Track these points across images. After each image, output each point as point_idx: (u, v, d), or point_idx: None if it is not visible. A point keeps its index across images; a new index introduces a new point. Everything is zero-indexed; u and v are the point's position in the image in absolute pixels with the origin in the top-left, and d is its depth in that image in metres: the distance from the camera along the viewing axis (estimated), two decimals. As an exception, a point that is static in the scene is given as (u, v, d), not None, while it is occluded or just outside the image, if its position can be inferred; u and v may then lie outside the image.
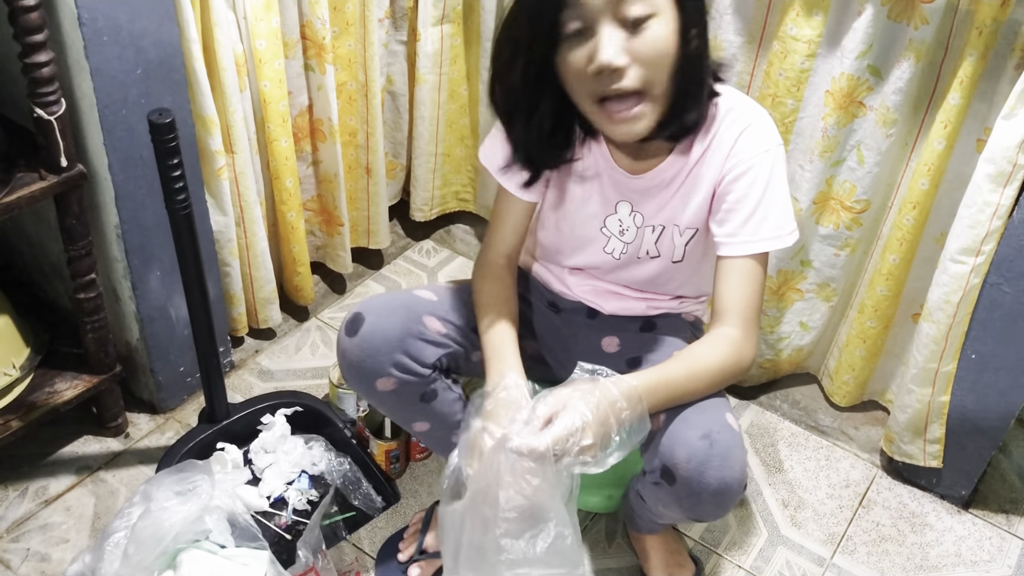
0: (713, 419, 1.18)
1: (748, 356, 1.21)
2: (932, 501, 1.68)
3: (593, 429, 1.06)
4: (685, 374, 1.18)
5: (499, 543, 1.09)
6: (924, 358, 1.52)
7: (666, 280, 1.35)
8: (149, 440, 1.67)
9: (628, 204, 1.28)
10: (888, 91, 1.45)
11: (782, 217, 1.21)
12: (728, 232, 1.21)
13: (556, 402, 1.08)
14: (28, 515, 1.54)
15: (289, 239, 1.81)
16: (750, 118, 1.21)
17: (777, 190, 1.20)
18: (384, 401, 1.30)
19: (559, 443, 1.05)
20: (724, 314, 1.21)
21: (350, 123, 1.86)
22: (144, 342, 1.61)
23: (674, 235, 1.28)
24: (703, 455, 1.15)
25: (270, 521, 1.54)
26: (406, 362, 1.25)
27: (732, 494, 1.19)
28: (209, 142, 1.55)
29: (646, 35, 1.08)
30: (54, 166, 1.35)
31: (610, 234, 1.31)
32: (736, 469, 1.17)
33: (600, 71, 1.08)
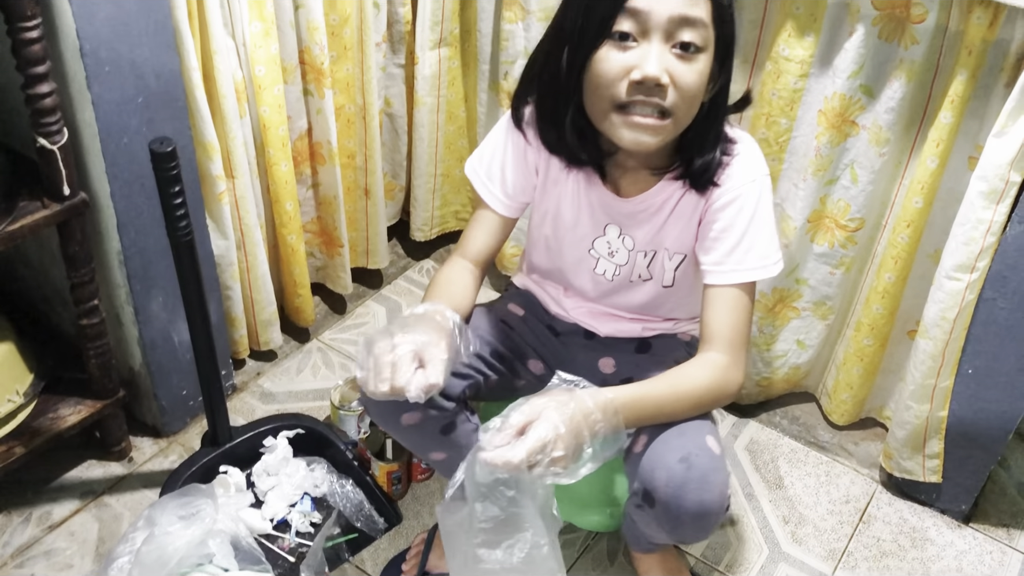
0: (692, 442, 1.18)
1: (734, 382, 1.21)
2: (932, 516, 1.68)
3: (565, 440, 1.05)
4: (667, 393, 1.19)
5: (476, 552, 1.10)
6: (921, 374, 1.53)
7: (659, 304, 1.36)
8: (152, 464, 1.68)
9: (617, 227, 1.29)
10: (880, 110, 1.47)
11: (767, 247, 1.21)
12: (714, 261, 1.22)
13: (530, 411, 1.07)
14: (32, 541, 1.54)
15: (289, 261, 1.82)
16: (740, 147, 1.22)
17: (763, 220, 1.21)
18: (406, 434, 1.28)
19: (533, 454, 1.04)
20: (711, 340, 1.21)
21: (349, 146, 1.87)
22: (147, 366, 1.62)
23: (664, 260, 1.30)
24: (681, 478, 1.15)
25: (273, 544, 1.54)
26: (434, 398, 1.22)
27: (712, 517, 1.18)
28: (210, 167, 1.57)
29: (692, 65, 1.10)
30: (57, 194, 1.36)
31: (599, 255, 1.32)
32: (715, 492, 1.16)
33: (642, 82, 1.09)
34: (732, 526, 1.64)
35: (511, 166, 1.30)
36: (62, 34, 1.29)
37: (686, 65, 1.10)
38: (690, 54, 1.09)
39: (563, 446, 1.05)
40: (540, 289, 1.45)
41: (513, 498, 1.08)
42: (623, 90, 1.11)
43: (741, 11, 1.53)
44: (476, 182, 1.33)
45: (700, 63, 1.10)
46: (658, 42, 1.08)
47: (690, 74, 1.10)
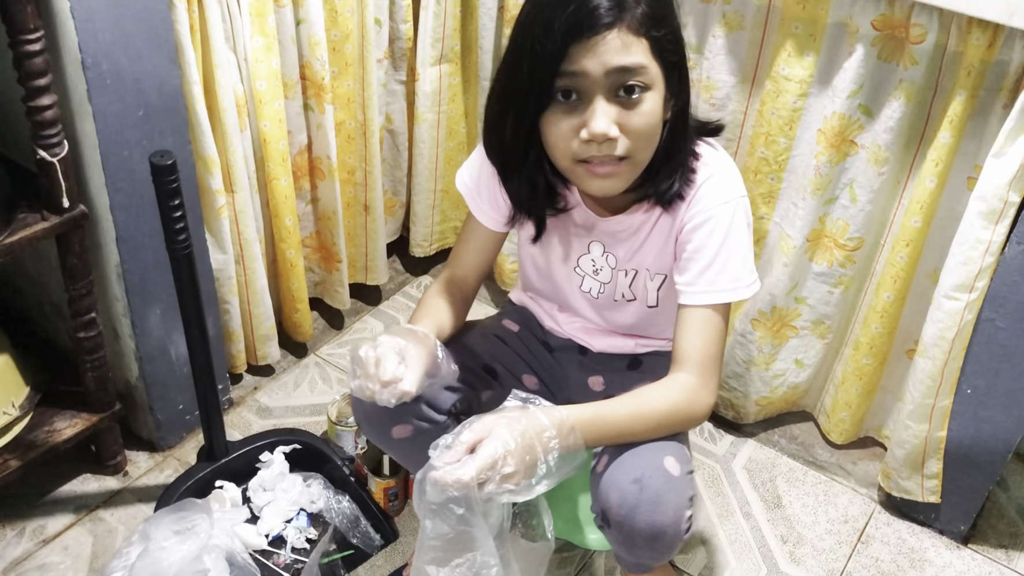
0: (649, 463, 1.16)
1: (702, 404, 1.20)
2: (931, 536, 1.68)
3: (516, 457, 1.04)
4: (628, 413, 1.17)
5: (425, 570, 1.10)
6: (920, 394, 1.53)
7: (647, 325, 1.36)
8: (148, 478, 1.67)
9: (600, 245, 1.29)
10: (879, 130, 1.47)
11: (740, 269, 1.20)
12: (686, 281, 1.21)
13: (481, 429, 1.06)
14: (26, 555, 1.53)
15: (288, 276, 1.82)
16: (712, 168, 1.21)
17: (736, 242, 1.20)
18: (398, 448, 1.28)
19: (483, 472, 1.03)
20: (681, 361, 1.20)
21: (349, 161, 1.88)
22: (143, 380, 1.62)
23: (646, 280, 1.30)
24: (633, 500, 1.14)
25: (269, 560, 1.53)
26: (424, 410, 1.24)
27: (666, 540, 1.16)
28: (210, 181, 1.57)
29: (639, 108, 1.10)
30: (56, 207, 1.36)
31: (584, 273, 1.32)
32: (668, 515, 1.14)
33: (591, 139, 1.10)
34: (730, 545, 1.63)
35: (495, 182, 1.31)
36: (64, 47, 1.30)
37: (634, 110, 1.10)
38: (636, 97, 1.09)
39: (514, 463, 1.04)
40: (535, 304, 1.45)
41: (463, 516, 1.06)
42: (577, 147, 1.12)
43: (741, 31, 1.54)
44: (465, 193, 1.34)
45: (648, 102, 1.10)
46: (601, 98, 1.09)
47: (639, 117, 1.10)
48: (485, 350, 1.37)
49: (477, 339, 1.38)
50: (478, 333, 1.40)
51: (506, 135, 1.18)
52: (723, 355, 1.23)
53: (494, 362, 1.37)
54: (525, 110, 1.13)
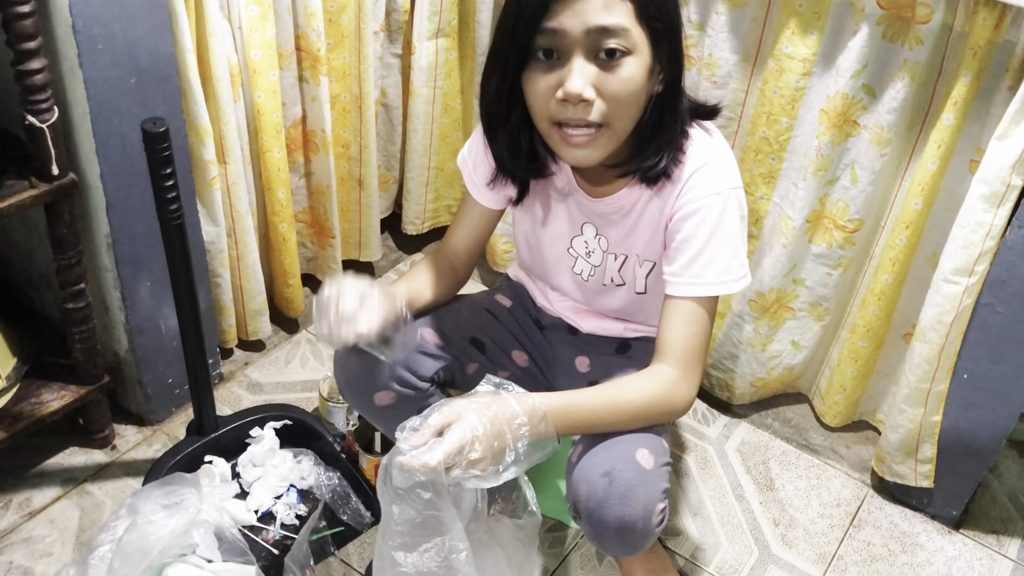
0: (619, 456, 1.15)
1: (683, 396, 1.18)
2: (923, 521, 1.67)
3: (484, 443, 1.03)
4: (603, 403, 1.16)
5: (392, 556, 1.08)
6: (916, 378, 1.52)
7: (636, 311, 1.35)
8: (136, 452, 1.65)
9: (593, 227, 1.28)
10: (882, 110, 1.45)
11: (729, 263, 1.18)
12: (673, 271, 1.19)
13: (450, 412, 1.05)
14: (11, 527, 1.51)
15: (280, 251, 1.80)
16: (707, 157, 1.18)
17: (726, 234, 1.17)
18: (381, 415, 1.28)
19: (451, 456, 1.02)
20: (663, 352, 1.18)
21: (343, 135, 1.85)
22: (133, 353, 1.60)
23: (635, 265, 1.28)
24: (602, 493, 1.13)
25: (258, 536, 1.52)
26: (405, 375, 1.24)
27: (636, 533, 1.15)
28: (202, 152, 1.54)
29: (618, 72, 1.08)
30: (45, 174, 1.34)
31: (577, 255, 1.31)
32: (637, 508, 1.13)
33: (566, 99, 1.08)
34: (722, 527, 1.63)
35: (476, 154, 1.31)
36: (54, 10, 1.27)
37: (612, 73, 1.08)
38: (616, 60, 1.07)
39: (481, 448, 1.03)
40: (530, 281, 1.44)
41: (430, 500, 1.05)
42: (553, 108, 1.10)
43: (744, 8, 1.52)
44: (464, 171, 1.34)
45: (628, 67, 1.08)
46: (579, 57, 1.07)
47: (617, 81, 1.08)
48: (474, 323, 1.36)
49: (466, 311, 1.37)
50: (468, 305, 1.39)
51: (490, 93, 1.17)
52: (707, 348, 1.21)
53: (483, 335, 1.36)
54: (508, 66, 1.12)
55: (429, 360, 1.27)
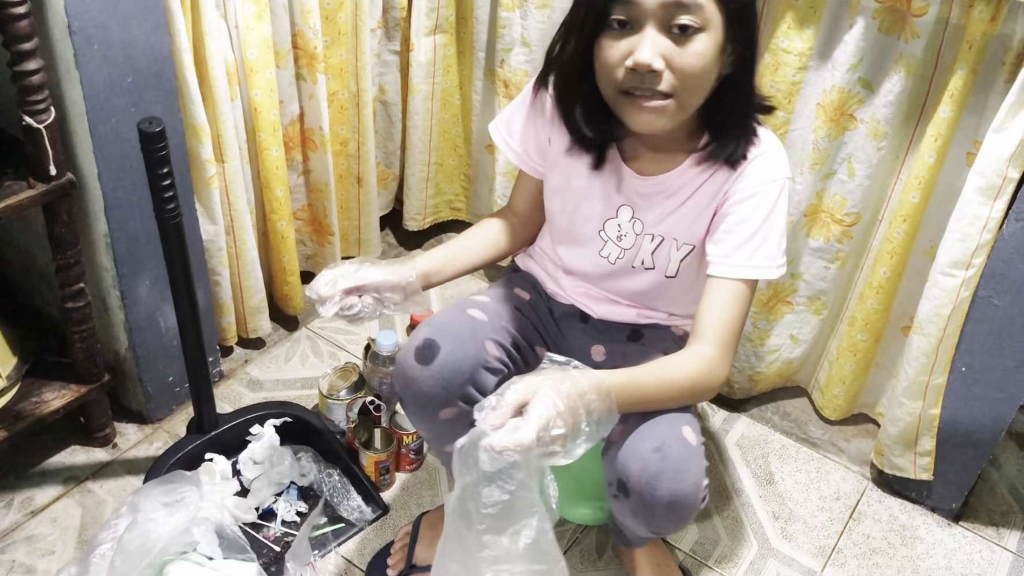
0: (668, 432, 1.17)
1: (720, 378, 1.20)
2: (922, 514, 1.68)
3: (564, 418, 1.03)
4: (654, 381, 1.18)
5: (481, 539, 1.06)
6: (915, 371, 1.52)
7: (657, 296, 1.35)
8: (137, 450, 1.66)
9: (630, 209, 1.28)
10: (879, 104, 1.45)
11: (776, 248, 1.21)
12: (722, 253, 1.21)
13: (526, 389, 1.04)
14: (14, 526, 1.52)
15: (279, 248, 1.80)
16: (767, 145, 1.22)
17: (777, 221, 1.21)
18: (436, 428, 1.28)
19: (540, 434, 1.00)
20: (703, 333, 1.20)
21: (341, 132, 1.85)
22: (133, 351, 1.60)
23: (671, 249, 1.28)
24: (655, 468, 1.15)
25: (258, 533, 1.52)
26: (472, 393, 1.24)
27: (686, 507, 1.18)
28: (200, 151, 1.54)
29: (690, 47, 1.09)
30: (43, 174, 1.34)
31: (608, 238, 1.31)
32: (689, 482, 1.16)
33: (636, 68, 1.10)
34: (722, 521, 1.63)
35: (525, 122, 1.32)
36: (50, 10, 1.27)
37: (683, 47, 1.09)
38: (688, 36, 1.09)
39: (562, 423, 1.02)
40: (539, 267, 1.43)
41: (522, 480, 1.03)
42: (622, 76, 1.12)
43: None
44: (497, 138, 1.36)
45: (700, 43, 1.09)
46: (652, 28, 1.09)
47: (687, 55, 1.10)
48: (513, 326, 1.36)
49: (505, 314, 1.36)
50: (504, 308, 1.37)
51: (564, 58, 1.19)
52: (742, 331, 1.23)
53: (520, 337, 1.36)
54: (583, 33, 1.14)
55: (491, 376, 1.26)
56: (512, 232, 1.41)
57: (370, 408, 1.62)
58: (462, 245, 1.38)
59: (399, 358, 1.26)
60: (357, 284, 1.23)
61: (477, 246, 1.39)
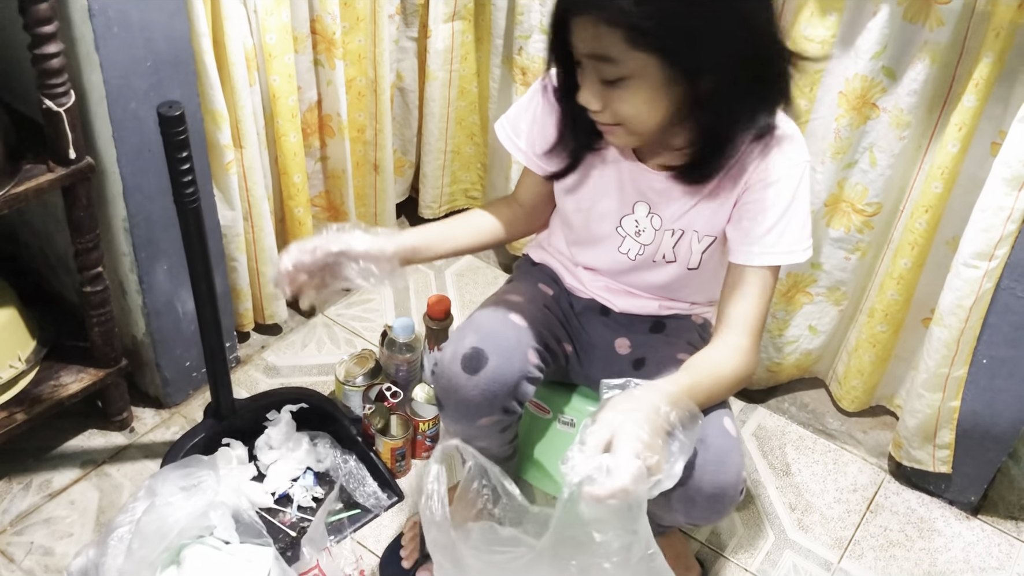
0: (710, 423, 1.17)
1: (754, 367, 1.21)
2: (941, 507, 1.66)
3: (652, 445, 1.00)
4: (710, 379, 1.17)
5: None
6: (935, 363, 1.51)
7: (680, 287, 1.34)
8: (154, 435, 1.67)
9: (646, 205, 1.26)
10: (902, 93, 1.44)
11: (800, 233, 1.19)
12: (746, 241, 1.19)
13: (604, 429, 1.00)
14: (32, 508, 1.53)
15: (296, 234, 1.80)
16: (785, 130, 1.19)
17: (800, 206, 1.19)
18: (474, 432, 1.28)
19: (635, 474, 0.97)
20: (733, 324, 1.19)
21: (359, 119, 1.85)
22: (150, 336, 1.61)
23: (692, 241, 1.27)
24: (698, 460, 1.14)
25: (275, 518, 1.53)
26: (513, 405, 1.24)
27: (728, 499, 1.17)
28: (218, 136, 1.54)
29: (619, 93, 1.09)
30: (62, 158, 1.34)
31: (625, 234, 1.29)
32: (731, 474, 1.16)
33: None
34: (738, 511, 1.62)
35: (532, 121, 1.30)
36: (70, -6, 1.27)
37: (615, 94, 1.09)
38: (616, 84, 1.08)
39: (653, 452, 0.99)
40: (556, 262, 1.42)
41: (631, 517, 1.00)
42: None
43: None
44: (503, 136, 1.34)
45: (629, 90, 1.08)
46: (590, 73, 1.10)
47: (616, 101, 1.09)
48: (545, 326, 1.34)
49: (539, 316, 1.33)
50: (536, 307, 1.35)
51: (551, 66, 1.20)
52: (767, 318, 1.23)
53: (550, 337, 1.34)
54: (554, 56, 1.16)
55: (531, 387, 1.26)
56: (513, 220, 1.38)
57: (386, 395, 1.62)
58: (458, 227, 1.35)
59: (443, 361, 1.24)
60: (341, 248, 1.17)
61: (472, 229, 1.36)
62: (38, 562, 1.46)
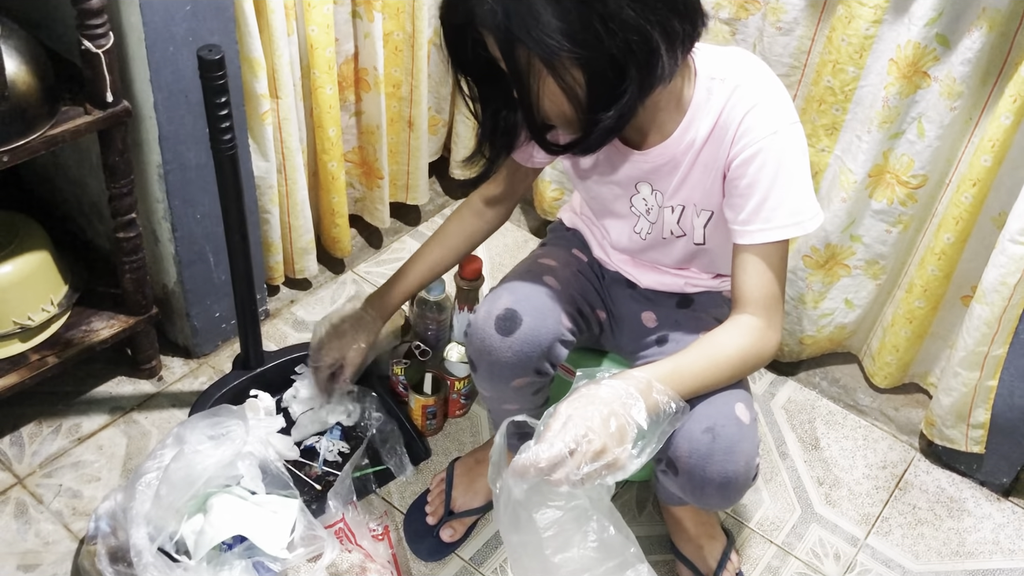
0: (720, 412, 1.14)
1: (771, 344, 1.16)
2: (971, 487, 1.64)
3: (598, 432, 1.00)
4: (704, 363, 1.14)
5: (553, 562, 1.06)
6: (974, 341, 1.48)
7: (697, 261, 1.32)
8: (182, 384, 1.67)
9: (648, 184, 1.24)
10: (955, 61, 1.40)
11: (799, 202, 1.13)
12: (741, 220, 1.15)
13: (555, 422, 1.02)
14: (61, 452, 1.54)
15: (329, 189, 1.79)
16: (758, 96, 1.12)
17: (789, 174, 1.12)
18: (507, 394, 1.27)
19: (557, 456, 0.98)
20: (744, 303, 1.15)
21: (395, 74, 1.83)
22: (181, 285, 1.60)
23: (692, 216, 1.24)
24: (705, 449, 1.13)
25: (301, 471, 1.53)
26: (546, 367, 1.23)
27: (737, 487, 1.16)
28: (255, 85, 1.53)
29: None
30: (99, 101, 1.33)
31: (638, 213, 1.28)
32: (740, 463, 1.14)
33: None
34: (765, 484, 1.61)
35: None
36: (112, -67, 1.25)
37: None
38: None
39: (598, 437, 1.00)
40: (587, 229, 1.41)
41: (569, 494, 1.04)
42: None
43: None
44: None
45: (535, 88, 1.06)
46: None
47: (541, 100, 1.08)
48: (579, 291, 1.33)
49: (574, 282, 1.33)
50: (571, 273, 1.34)
51: None
52: (785, 291, 1.19)
53: (584, 303, 1.34)
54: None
55: (564, 350, 1.25)
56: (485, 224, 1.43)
57: (415, 353, 1.61)
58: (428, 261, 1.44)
59: (476, 322, 1.23)
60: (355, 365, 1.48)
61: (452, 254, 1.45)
62: (66, 504, 1.47)
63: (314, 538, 1.35)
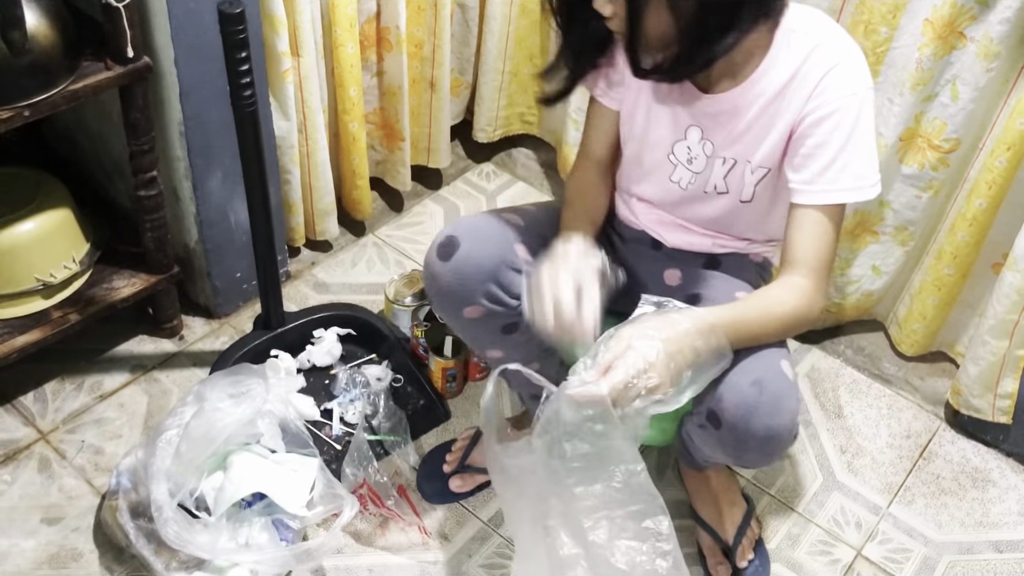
0: (767, 366, 1.14)
1: (817, 308, 1.16)
2: (997, 458, 1.62)
3: (659, 368, 1.02)
4: (758, 316, 1.14)
5: (573, 492, 1.06)
6: (1004, 309, 1.45)
7: (733, 221, 1.29)
8: (203, 344, 1.67)
9: (699, 129, 1.21)
10: (994, 21, 1.36)
11: (864, 167, 1.13)
12: (804, 179, 1.14)
13: (617, 346, 1.03)
14: (83, 408, 1.55)
15: (350, 150, 1.77)
16: (839, 56, 1.12)
17: (862, 137, 1.13)
18: (466, 328, 1.27)
19: (618, 388, 1.00)
20: (795, 264, 1.15)
21: (417, 34, 1.80)
22: (202, 244, 1.60)
23: (745, 172, 1.22)
24: (752, 402, 1.12)
25: (320, 431, 1.53)
26: (496, 292, 1.22)
27: (780, 443, 1.16)
28: (276, 42, 1.51)
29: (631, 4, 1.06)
30: (120, 57, 1.32)
31: (677, 162, 1.25)
32: (785, 418, 1.13)
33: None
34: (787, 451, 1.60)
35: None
36: None
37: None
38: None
39: (657, 375, 1.01)
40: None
41: (603, 432, 1.03)
42: None
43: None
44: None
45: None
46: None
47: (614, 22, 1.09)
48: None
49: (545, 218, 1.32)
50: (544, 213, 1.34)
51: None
52: (834, 257, 1.19)
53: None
54: None
55: (520, 277, 1.23)
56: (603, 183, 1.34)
57: (435, 315, 1.61)
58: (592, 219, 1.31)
59: (426, 254, 1.25)
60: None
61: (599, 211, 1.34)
62: (88, 460, 1.48)
63: (333, 496, 1.35)
